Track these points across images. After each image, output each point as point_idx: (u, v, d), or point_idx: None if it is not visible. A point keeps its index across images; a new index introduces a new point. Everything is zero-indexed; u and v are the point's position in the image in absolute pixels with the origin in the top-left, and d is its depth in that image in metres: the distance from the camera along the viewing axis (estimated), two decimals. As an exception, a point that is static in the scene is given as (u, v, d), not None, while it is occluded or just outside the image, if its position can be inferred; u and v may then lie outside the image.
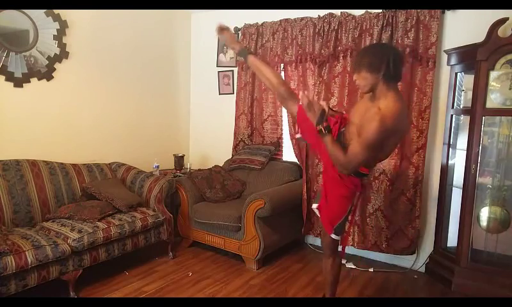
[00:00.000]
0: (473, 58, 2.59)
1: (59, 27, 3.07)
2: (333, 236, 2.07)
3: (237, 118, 3.98)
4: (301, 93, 1.89)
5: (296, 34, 3.51)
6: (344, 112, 3.23)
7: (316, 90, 3.39)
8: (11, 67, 2.82)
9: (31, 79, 2.95)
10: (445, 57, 2.92)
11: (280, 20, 3.61)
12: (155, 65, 4.02)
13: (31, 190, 2.75)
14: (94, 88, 3.44)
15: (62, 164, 3.06)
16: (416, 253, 3.14)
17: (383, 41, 3.02)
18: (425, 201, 3.12)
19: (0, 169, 2.66)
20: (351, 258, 3.31)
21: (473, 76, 2.64)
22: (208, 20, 4.22)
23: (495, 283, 2.62)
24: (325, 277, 2.27)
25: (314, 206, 2.20)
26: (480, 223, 2.78)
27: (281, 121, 3.76)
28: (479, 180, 2.70)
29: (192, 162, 4.23)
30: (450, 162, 2.95)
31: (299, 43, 3.49)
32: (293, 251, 3.45)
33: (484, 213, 2.77)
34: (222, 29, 2.20)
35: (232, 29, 3.97)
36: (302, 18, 3.47)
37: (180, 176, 3.74)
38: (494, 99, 2.57)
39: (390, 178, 3.09)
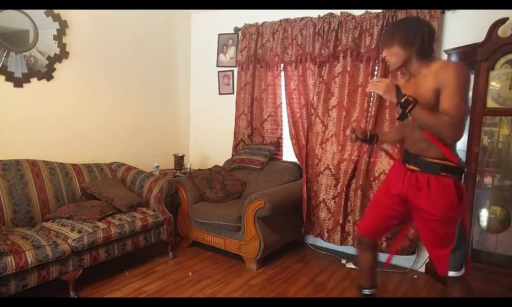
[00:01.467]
0: (473, 58, 2.59)
1: (59, 27, 3.07)
2: (452, 273, 1.72)
3: (237, 118, 3.98)
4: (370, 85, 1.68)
5: (296, 34, 3.51)
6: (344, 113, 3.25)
7: (316, 90, 3.39)
8: (11, 67, 2.82)
9: (31, 79, 2.95)
10: (445, 57, 2.92)
11: (280, 20, 3.61)
12: (155, 65, 4.02)
13: (31, 190, 2.75)
14: (94, 88, 3.44)
15: (62, 164, 3.06)
16: (416, 253, 3.14)
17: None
18: (425, 201, 3.11)
19: (0, 169, 2.66)
20: (351, 258, 3.31)
21: (473, 76, 2.64)
22: (208, 20, 4.23)
23: (495, 283, 2.62)
24: None
25: (452, 273, 1.77)
26: (480, 223, 2.78)
27: (281, 121, 3.76)
28: (479, 180, 2.70)
29: (192, 162, 4.23)
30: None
31: (299, 43, 3.49)
32: (293, 251, 3.45)
33: (484, 213, 2.77)
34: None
35: (232, 29, 4.00)
36: (302, 18, 3.47)
37: (180, 176, 3.74)
38: (494, 99, 2.57)
39: (390, 178, 3.08)
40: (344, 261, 3.26)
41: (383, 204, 1.94)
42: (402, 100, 1.57)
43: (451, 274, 1.75)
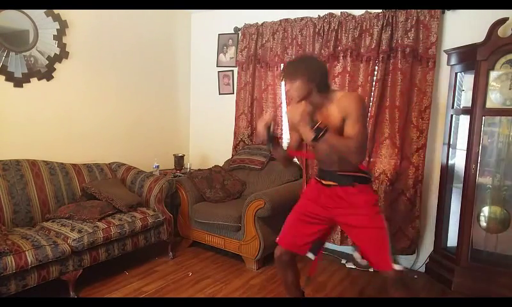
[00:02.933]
0: (473, 58, 2.59)
1: (59, 27, 3.07)
2: (396, 266, 1.82)
3: (237, 118, 3.98)
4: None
5: (296, 34, 3.51)
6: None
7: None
8: (11, 67, 2.82)
9: (31, 79, 2.95)
10: (445, 57, 2.92)
11: (280, 20, 3.61)
12: (155, 65, 4.02)
13: (31, 190, 2.75)
14: (94, 88, 3.44)
15: (62, 164, 3.06)
16: (416, 253, 3.14)
17: (382, 41, 3.02)
18: (425, 201, 3.12)
19: (0, 169, 2.66)
20: (351, 258, 3.31)
21: (473, 76, 2.64)
22: (208, 20, 4.23)
23: (495, 283, 2.62)
24: None
25: (358, 256, 1.98)
26: (480, 223, 2.78)
27: (281, 121, 3.76)
28: (479, 180, 2.70)
29: (192, 162, 4.23)
30: (450, 162, 2.95)
31: (299, 43, 3.49)
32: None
33: (484, 213, 2.77)
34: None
35: (232, 29, 4.00)
36: (302, 18, 3.47)
37: (180, 176, 3.74)
38: (494, 99, 2.57)
39: (390, 178, 3.09)
40: (343, 261, 3.26)
41: (303, 213, 2.04)
42: (315, 127, 1.71)
43: (396, 267, 1.83)
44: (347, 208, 1.90)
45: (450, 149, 2.94)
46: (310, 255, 2.08)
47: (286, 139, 3.77)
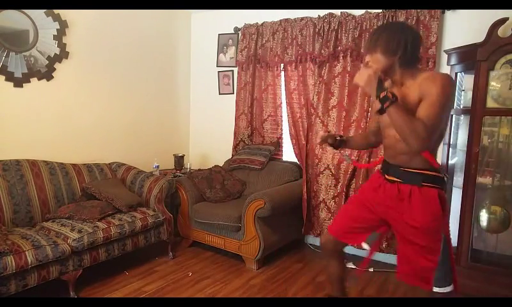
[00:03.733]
0: (473, 58, 2.59)
1: (59, 27, 3.07)
2: (437, 289, 1.66)
3: (237, 118, 3.98)
4: (359, 73, 1.58)
5: (296, 34, 3.51)
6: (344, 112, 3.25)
7: (316, 90, 3.39)
8: (11, 67, 2.82)
9: (31, 79, 2.95)
10: (445, 57, 2.92)
11: (280, 20, 3.61)
12: (155, 65, 4.02)
13: (31, 190, 2.75)
14: (94, 88, 3.44)
15: (62, 164, 3.06)
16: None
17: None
18: (425, 201, 3.11)
19: (0, 169, 2.66)
20: (351, 258, 3.31)
21: (473, 76, 2.64)
22: (208, 20, 4.23)
23: (495, 283, 2.62)
24: None
25: (365, 245, 1.79)
26: (480, 223, 2.77)
27: (281, 121, 3.76)
28: (479, 180, 2.69)
29: (192, 162, 4.23)
30: (450, 162, 2.95)
31: (299, 43, 3.49)
32: (293, 251, 3.45)
33: (484, 213, 2.77)
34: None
35: (232, 29, 4.00)
36: (302, 18, 3.47)
37: (180, 176, 3.74)
38: (494, 99, 2.56)
39: (390, 178, 3.08)
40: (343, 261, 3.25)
41: (362, 205, 1.84)
42: (381, 96, 1.49)
43: (436, 289, 1.66)
44: (403, 213, 1.65)
45: (450, 149, 2.94)
46: (365, 246, 1.86)
47: (289, 139, 3.78)
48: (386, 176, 1.74)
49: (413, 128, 1.46)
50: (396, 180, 1.68)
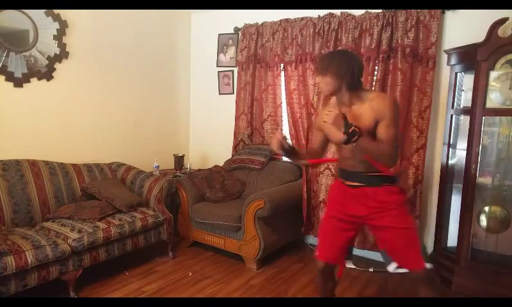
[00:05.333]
0: (473, 58, 2.59)
1: (59, 27, 3.07)
2: (428, 265, 1.83)
3: (237, 118, 3.98)
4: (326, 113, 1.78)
5: (296, 34, 3.51)
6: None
7: (316, 90, 3.39)
8: (11, 67, 2.82)
9: (31, 79, 2.95)
10: (445, 57, 2.92)
11: (280, 20, 3.61)
12: (155, 65, 4.02)
13: (31, 190, 2.75)
14: (94, 88, 3.44)
15: (62, 164, 3.06)
16: (416, 253, 3.13)
17: (382, 41, 3.02)
18: (425, 201, 3.12)
19: (0, 169, 2.66)
20: (351, 257, 3.31)
21: (473, 76, 2.64)
22: (208, 20, 4.23)
23: (495, 283, 2.62)
24: None
25: (393, 267, 1.90)
26: (480, 223, 2.77)
27: (281, 121, 3.76)
28: (479, 180, 2.70)
29: (192, 162, 4.23)
30: (450, 162, 2.95)
31: (299, 43, 3.49)
32: (293, 251, 3.45)
33: (484, 213, 2.77)
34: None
35: (232, 29, 4.00)
36: (302, 18, 3.47)
37: (180, 176, 3.74)
38: (494, 99, 2.57)
39: (390, 178, 3.08)
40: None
41: (336, 227, 1.97)
42: (350, 131, 1.69)
43: (428, 265, 1.83)
44: (376, 208, 1.85)
45: (450, 149, 2.94)
46: (348, 263, 2.05)
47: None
48: (349, 182, 1.92)
49: (382, 151, 1.73)
50: (360, 184, 1.89)
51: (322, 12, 3.34)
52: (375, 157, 1.76)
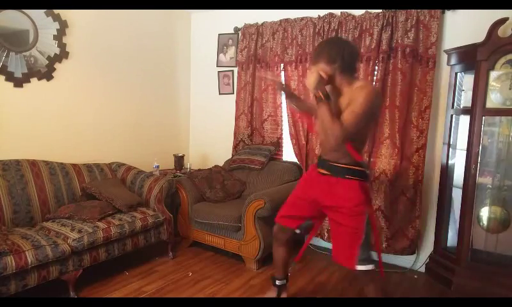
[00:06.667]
0: (473, 58, 2.59)
1: (59, 27, 3.07)
2: (361, 267, 1.90)
3: (237, 118, 3.98)
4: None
5: (296, 34, 3.51)
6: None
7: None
8: (11, 67, 2.82)
9: (31, 79, 2.95)
10: (445, 57, 2.92)
11: (280, 20, 3.61)
12: (155, 65, 4.02)
13: (31, 190, 2.75)
14: (94, 88, 3.44)
15: (62, 164, 3.06)
16: (416, 253, 3.14)
17: (382, 41, 3.02)
18: (425, 201, 3.12)
19: (0, 169, 2.66)
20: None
21: (473, 76, 2.64)
22: (208, 20, 4.23)
23: (495, 283, 2.62)
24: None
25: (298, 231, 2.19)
26: (480, 223, 2.78)
27: (281, 121, 3.76)
28: (479, 180, 2.70)
29: (192, 162, 4.23)
30: (450, 162, 2.95)
31: (299, 43, 3.49)
32: (293, 251, 3.44)
33: (484, 213, 2.77)
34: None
35: (232, 29, 4.00)
36: (302, 18, 3.47)
37: (180, 176, 3.74)
38: (494, 99, 2.56)
39: (390, 178, 3.09)
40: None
41: (298, 196, 2.18)
42: (317, 95, 1.80)
43: (359, 268, 1.91)
44: (332, 200, 1.97)
45: (450, 149, 2.94)
46: (298, 231, 2.21)
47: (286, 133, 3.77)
48: (320, 170, 2.05)
49: (332, 127, 1.75)
50: (326, 172, 2.00)
51: (322, 12, 3.34)
52: (322, 129, 1.83)
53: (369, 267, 1.92)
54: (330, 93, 1.88)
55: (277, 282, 2.44)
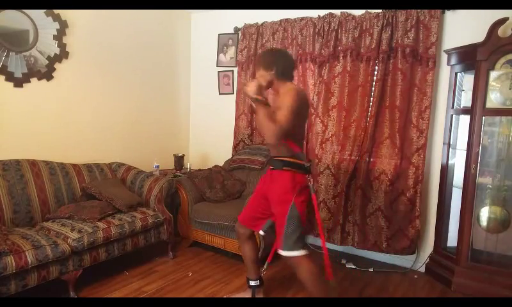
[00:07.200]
0: (473, 58, 2.59)
1: (59, 27, 3.07)
2: (284, 253, 2.10)
3: (237, 118, 3.98)
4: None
5: (296, 34, 3.51)
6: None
7: (316, 90, 3.39)
8: (11, 67, 2.82)
9: (31, 79, 2.95)
10: (445, 57, 2.93)
11: (280, 20, 3.61)
12: (155, 65, 4.02)
13: (31, 190, 2.75)
14: (94, 88, 3.44)
15: (62, 164, 3.06)
16: (416, 253, 3.14)
17: (382, 41, 3.03)
18: (425, 201, 3.12)
19: (0, 169, 2.66)
20: (351, 258, 3.32)
21: (473, 76, 2.64)
22: (208, 20, 4.23)
23: (495, 283, 2.62)
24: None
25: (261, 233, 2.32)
26: (480, 223, 2.78)
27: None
28: (479, 180, 2.70)
29: (192, 162, 4.23)
30: (450, 162, 2.96)
31: (299, 43, 3.49)
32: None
33: (484, 213, 2.78)
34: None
35: (232, 29, 4.00)
36: (302, 18, 3.47)
37: (180, 176, 3.74)
38: (494, 99, 2.57)
39: (390, 178, 3.09)
40: (344, 261, 3.26)
41: (257, 196, 2.34)
42: (255, 98, 2.01)
43: (282, 253, 2.10)
44: (269, 191, 2.19)
45: (450, 149, 2.94)
46: (261, 233, 2.33)
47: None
48: (270, 166, 2.26)
49: (267, 126, 1.95)
50: (272, 168, 2.21)
51: (322, 12, 3.34)
52: (261, 128, 2.11)
53: (294, 253, 2.07)
54: (272, 95, 2.11)
55: (251, 283, 2.49)
